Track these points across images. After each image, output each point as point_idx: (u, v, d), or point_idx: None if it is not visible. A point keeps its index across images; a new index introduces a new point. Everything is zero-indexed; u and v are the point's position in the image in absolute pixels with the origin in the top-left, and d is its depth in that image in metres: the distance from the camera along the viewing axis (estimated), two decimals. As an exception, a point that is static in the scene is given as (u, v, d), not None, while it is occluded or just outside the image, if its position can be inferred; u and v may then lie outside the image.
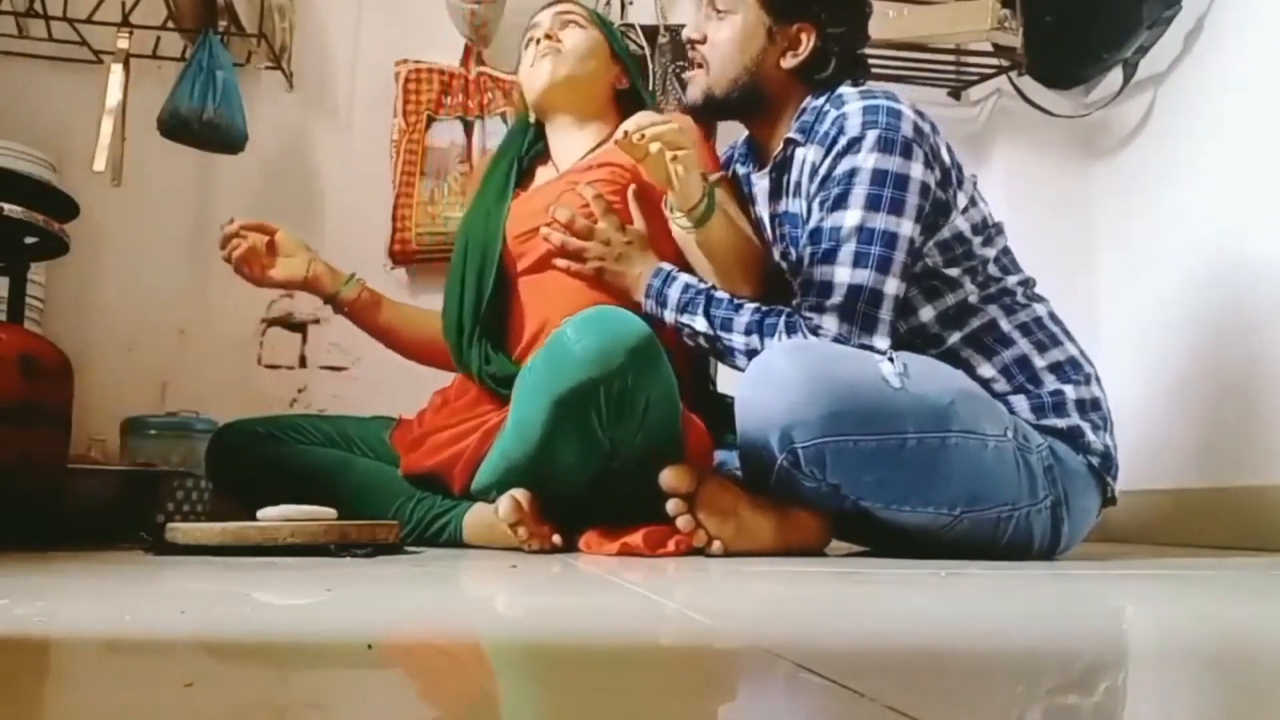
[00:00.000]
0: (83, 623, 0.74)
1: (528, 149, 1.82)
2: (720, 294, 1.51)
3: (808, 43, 1.56)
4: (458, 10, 2.21)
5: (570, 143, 1.79)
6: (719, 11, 1.59)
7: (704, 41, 1.60)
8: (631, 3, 2.28)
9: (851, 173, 1.44)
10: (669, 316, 1.54)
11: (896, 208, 1.42)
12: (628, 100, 1.79)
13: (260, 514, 1.35)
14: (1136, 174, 2.33)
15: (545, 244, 1.63)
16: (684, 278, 1.55)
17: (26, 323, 1.61)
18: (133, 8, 2.13)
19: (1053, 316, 1.56)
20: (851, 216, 1.42)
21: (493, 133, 2.25)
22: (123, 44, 2.11)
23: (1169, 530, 2.08)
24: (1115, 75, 2.29)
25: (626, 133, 1.39)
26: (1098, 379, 1.54)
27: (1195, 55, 2.16)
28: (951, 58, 2.44)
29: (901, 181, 1.43)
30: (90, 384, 2.09)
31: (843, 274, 1.42)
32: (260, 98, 2.30)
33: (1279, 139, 1.93)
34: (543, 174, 1.80)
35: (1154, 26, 2.19)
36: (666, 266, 1.57)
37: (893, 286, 1.43)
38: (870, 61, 2.30)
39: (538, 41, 1.76)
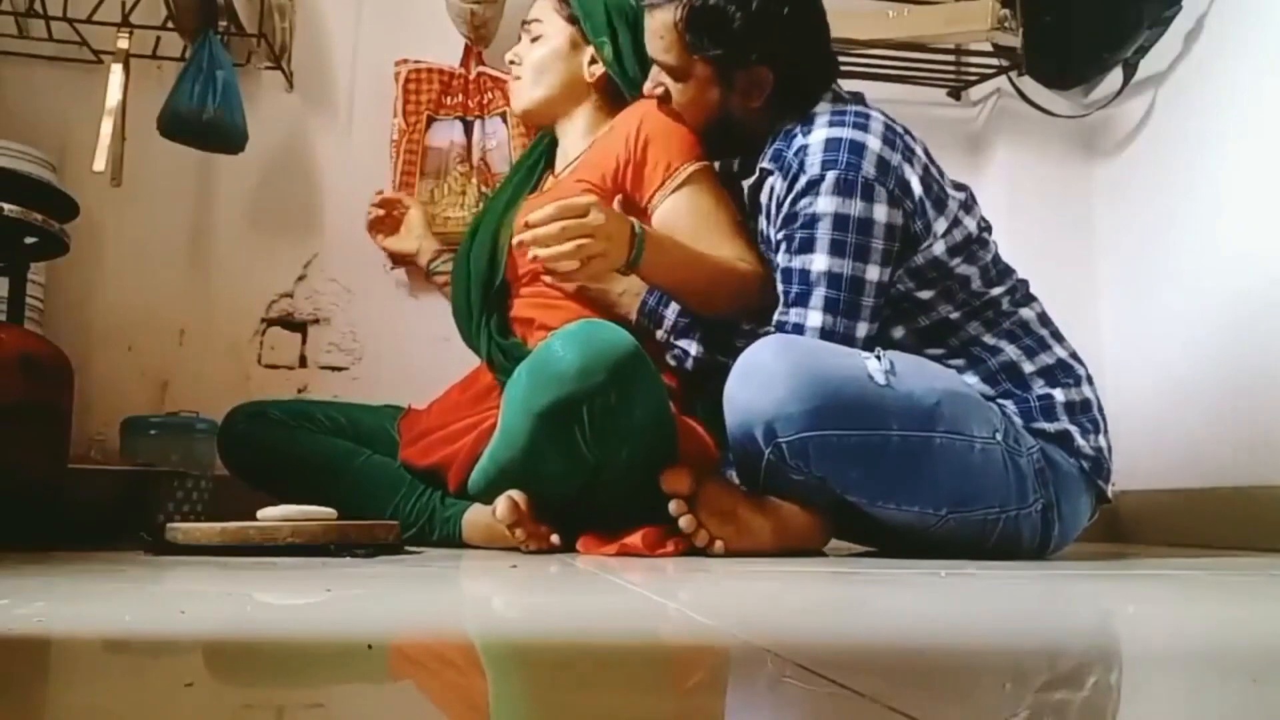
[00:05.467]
0: (83, 623, 0.74)
1: (547, 153, 1.85)
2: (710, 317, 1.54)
3: (770, 79, 1.54)
4: (458, 10, 2.21)
5: (565, 146, 1.80)
6: (671, 76, 1.57)
7: (667, 100, 1.60)
8: (631, 2, 2.28)
9: (813, 218, 1.42)
10: (660, 335, 1.58)
11: (861, 254, 1.41)
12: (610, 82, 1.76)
13: (260, 514, 1.35)
14: (1137, 174, 2.33)
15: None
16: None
17: (26, 323, 1.61)
18: (133, 8, 2.12)
19: (1042, 319, 1.54)
20: (819, 261, 1.42)
21: (493, 133, 2.25)
22: (123, 44, 2.10)
23: (1169, 530, 2.08)
24: (1115, 75, 2.29)
25: (523, 243, 1.38)
26: (1090, 380, 1.53)
27: (1195, 55, 2.16)
28: (951, 58, 2.44)
29: (864, 226, 1.41)
30: (90, 384, 2.09)
31: (814, 318, 1.43)
32: (260, 98, 2.29)
33: (1278, 139, 1.93)
34: (551, 180, 1.81)
35: (1154, 26, 2.19)
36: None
37: (862, 330, 1.43)
38: (870, 61, 2.32)
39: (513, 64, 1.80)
